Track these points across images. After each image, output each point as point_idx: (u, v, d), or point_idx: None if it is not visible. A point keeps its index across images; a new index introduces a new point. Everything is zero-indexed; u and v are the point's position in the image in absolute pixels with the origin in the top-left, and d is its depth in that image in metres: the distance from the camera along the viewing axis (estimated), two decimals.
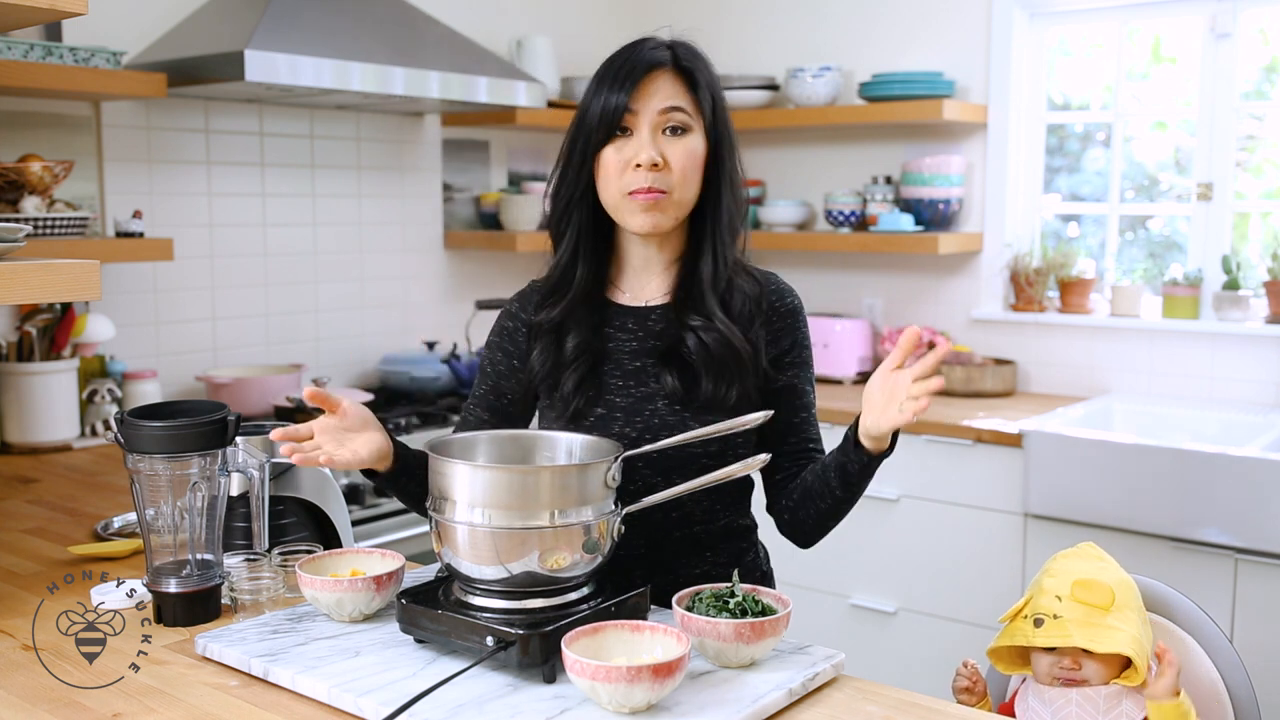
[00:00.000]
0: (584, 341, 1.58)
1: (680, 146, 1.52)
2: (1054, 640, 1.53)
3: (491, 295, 3.68)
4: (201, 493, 1.48)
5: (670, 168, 1.51)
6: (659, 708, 1.20)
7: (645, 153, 1.50)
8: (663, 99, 1.52)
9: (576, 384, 1.57)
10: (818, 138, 3.88)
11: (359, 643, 1.38)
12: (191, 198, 3.03)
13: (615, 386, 1.58)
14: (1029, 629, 1.56)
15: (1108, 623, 1.50)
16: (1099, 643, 1.50)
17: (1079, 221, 3.66)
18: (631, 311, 1.62)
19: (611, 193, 1.54)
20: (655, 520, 1.53)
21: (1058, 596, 1.54)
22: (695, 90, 1.55)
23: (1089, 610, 1.52)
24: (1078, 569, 1.57)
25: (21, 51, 2.48)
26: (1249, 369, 3.19)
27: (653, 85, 1.53)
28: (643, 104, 1.52)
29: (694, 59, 1.57)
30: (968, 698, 1.64)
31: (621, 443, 1.45)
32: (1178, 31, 3.41)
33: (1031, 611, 1.57)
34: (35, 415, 2.63)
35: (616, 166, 1.52)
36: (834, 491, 1.53)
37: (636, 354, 1.59)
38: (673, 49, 1.56)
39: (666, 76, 1.54)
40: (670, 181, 1.52)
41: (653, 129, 1.52)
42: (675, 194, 1.52)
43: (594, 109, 1.53)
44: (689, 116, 1.53)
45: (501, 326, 1.68)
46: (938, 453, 3.08)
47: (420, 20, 3.13)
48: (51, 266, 1.53)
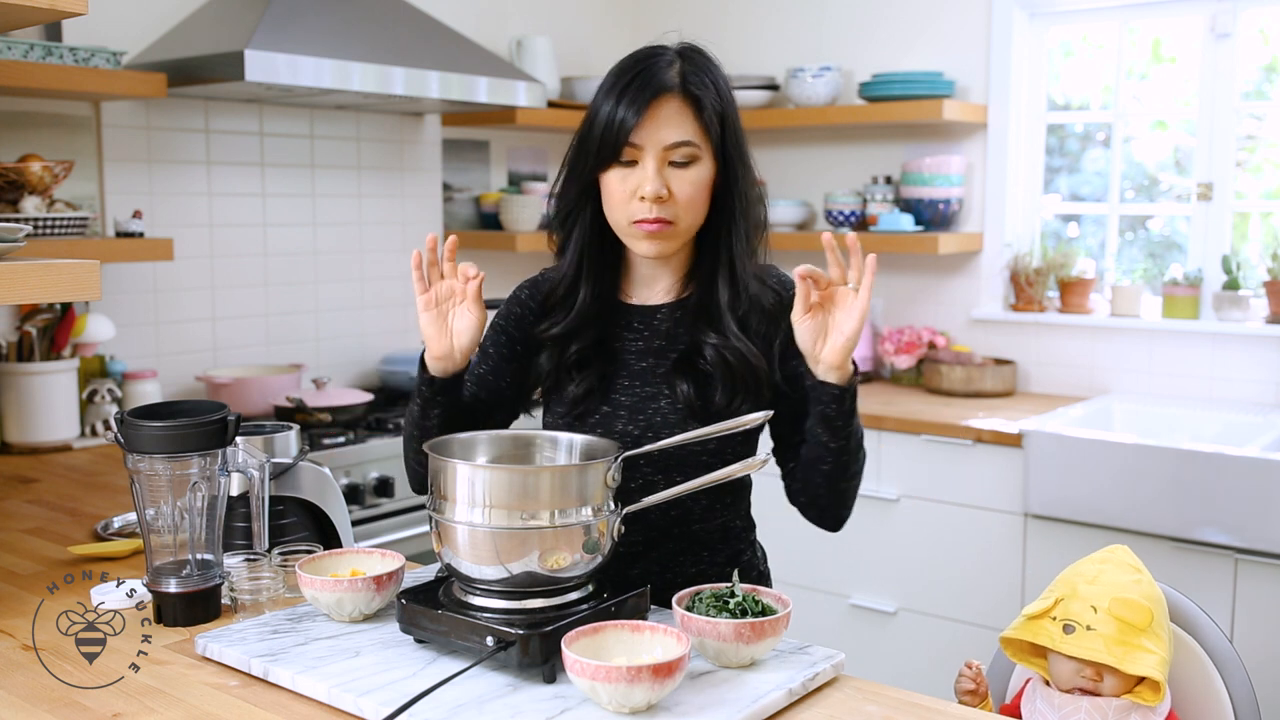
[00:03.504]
0: (592, 346, 1.58)
1: (686, 179, 1.51)
2: (1083, 652, 1.50)
3: (491, 295, 3.66)
4: (201, 493, 1.48)
5: (676, 199, 1.50)
6: (659, 708, 1.20)
7: (649, 186, 1.48)
8: (669, 133, 1.49)
9: (586, 391, 1.57)
10: (818, 138, 3.88)
11: (359, 643, 1.38)
12: (191, 198, 3.03)
13: (621, 385, 1.58)
14: (1057, 633, 1.53)
15: (1141, 643, 1.48)
16: (1129, 664, 1.47)
17: (1079, 221, 3.66)
18: (638, 311, 1.62)
19: (616, 218, 1.54)
20: (653, 519, 1.53)
21: (1094, 607, 1.51)
22: (702, 117, 1.51)
23: (1124, 629, 1.49)
24: (1117, 581, 1.53)
25: (21, 51, 2.48)
26: (1249, 369, 3.19)
27: (660, 114, 1.49)
28: (648, 137, 1.49)
29: (702, 77, 1.52)
30: (971, 699, 1.63)
31: (624, 440, 1.45)
32: (1178, 31, 3.41)
33: (1062, 615, 1.53)
34: (35, 415, 2.63)
35: (621, 195, 1.51)
36: (828, 446, 1.48)
37: (643, 354, 1.59)
38: (682, 65, 1.52)
39: (674, 104, 1.50)
40: (676, 212, 1.51)
41: (659, 162, 1.49)
42: (681, 223, 1.52)
43: (598, 127, 1.51)
44: (696, 148, 1.51)
45: (509, 310, 1.68)
46: (938, 453, 3.08)
47: (420, 20, 3.13)
48: (51, 266, 1.53)
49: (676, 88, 1.50)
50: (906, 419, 3.12)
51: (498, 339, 1.67)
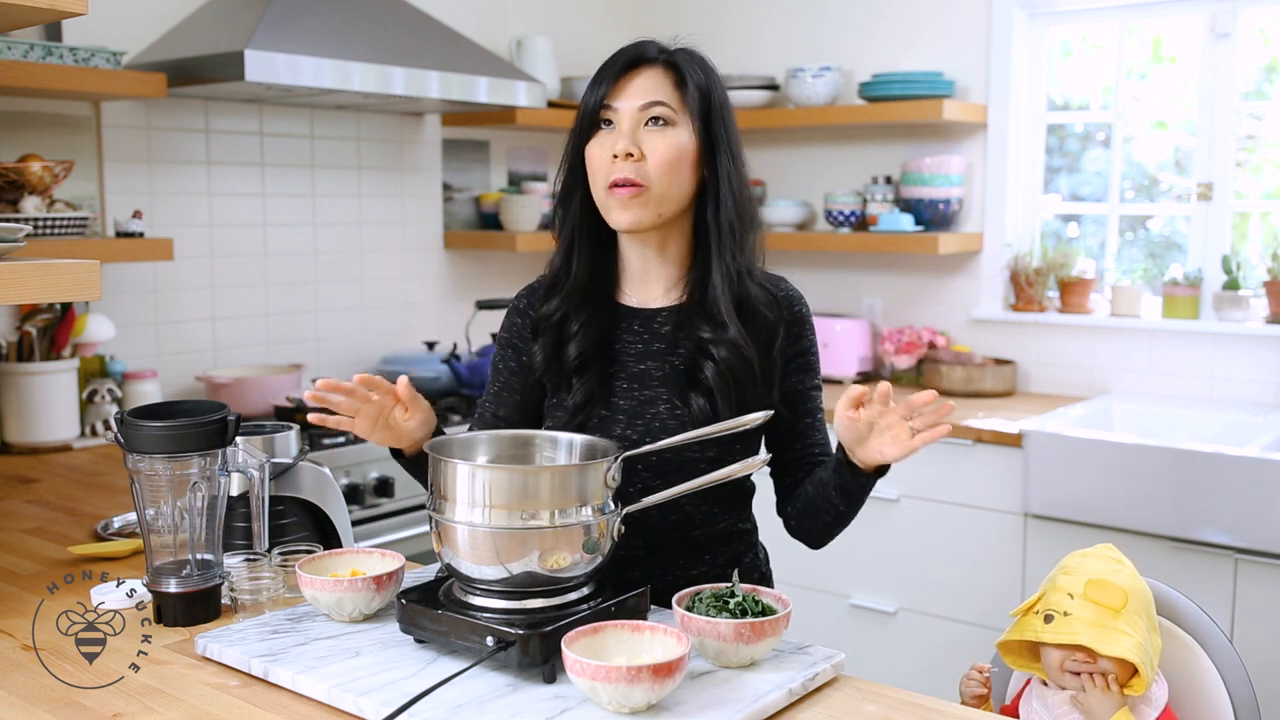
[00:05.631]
0: (591, 349, 1.57)
1: (660, 138, 1.50)
2: (1061, 637, 1.52)
3: (491, 295, 3.68)
4: (201, 493, 1.48)
5: (647, 160, 1.50)
6: (659, 708, 1.20)
7: (621, 143, 1.50)
8: (645, 93, 1.51)
9: (586, 397, 1.56)
10: (818, 138, 3.88)
11: (359, 643, 1.38)
12: (191, 198, 3.03)
13: (620, 389, 1.58)
14: (1039, 624, 1.56)
15: (1117, 625, 1.50)
16: (1105, 644, 1.49)
17: (1079, 221, 3.66)
18: (638, 314, 1.61)
19: (597, 188, 1.54)
20: (654, 523, 1.53)
21: (1070, 594, 1.54)
22: (682, 87, 1.53)
23: (1100, 611, 1.51)
24: (1093, 569, 1.56)
25: (21, 51, 2.48)
26: (1249, 369, 3.19)
27: (636, 79, 1.52)
28: (624, 99, 1.52)
29: (690, 60, 1.55)
30: (978, 703, 1.64)
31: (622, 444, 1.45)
32: (1178, 31, 3.41)
33: (1043, 608, 1.56)
34: (35, 415, 2.63)
35: (599, 160, 1.52)
36: (837, 506, 1.54)
37: (641, 356, 1.59)
38: (669, 51, 1.56)
39: (652, 71, 1.53)
40: (647, 173, 1.50)
41: (634, 122, 1.51)
42: (654, 188, 1.50)
43: (582, 104, 1.55)
44: (672, 111, 1.51)
45: (510, 322, 1.68)
46: (938, 453, 3.08)
47: (420, 20, 3.13)
48: (51, 266, 1.53)
49: (657, 59, 1.54)
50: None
51: (505, 354, 1.67)
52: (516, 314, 1.68)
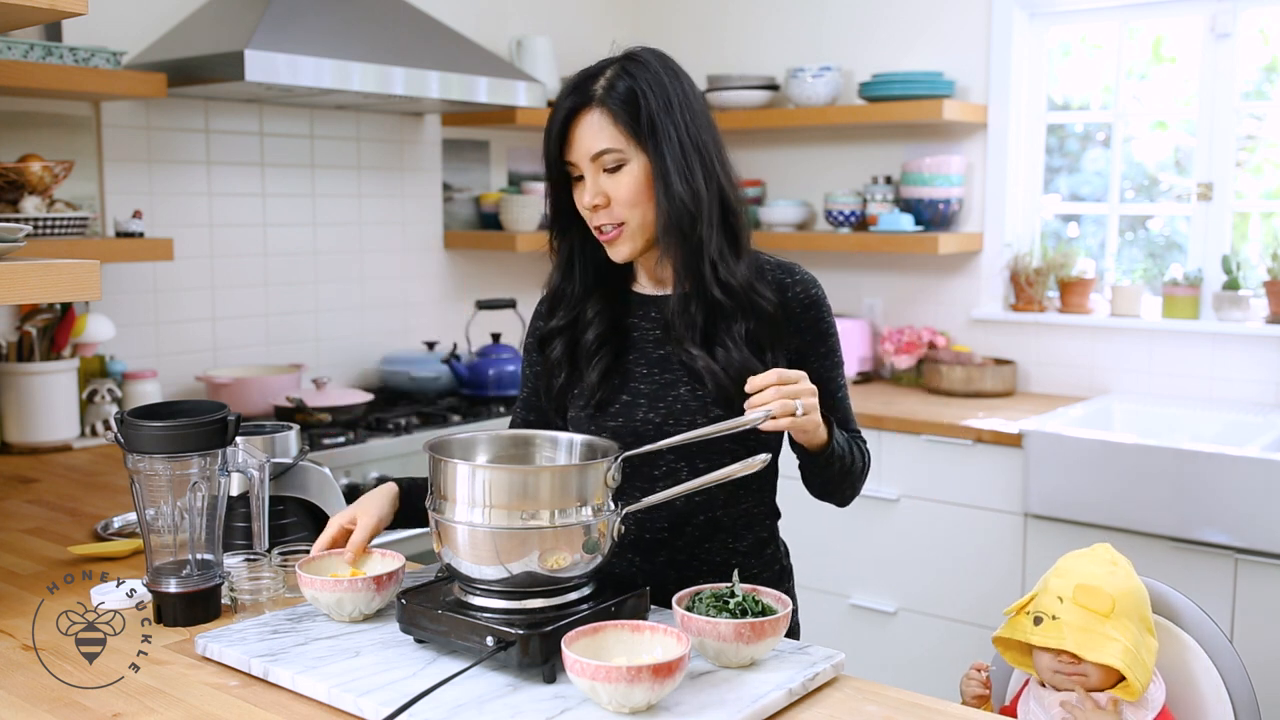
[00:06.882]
0: (604, 334, 1.62)
1: (616, 182, 1.54)
2: (1048, 641, 1.53)
3: (491, 295, 3.68)
4: (201, 493, 1.48)
5: (615, 202, 1.54)
6: (659, 708, 1.20)
7: (586, 197, 1.55)
8: (590, 144, 1.53)
9: (602, 374, 1.60)
10: (818, 138, 3.88)
11: (359, 643, 1.38)
12: (191, 198, 3.03)
13: (639, 374, 1.61)
14: (1028, 625, 1.56)
15: (1104, 631, 1.50)
16: (1091, 651, 1.49)
17: (1079, 221, 3.66)
18: (653, 300, 1.64)
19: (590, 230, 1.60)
20: (677, 505, 1.56)
21: (1059, 598, 1.54)
22: (622, 121, 1.51)
23: (1087, 616, 1.51)
24: (1084, 572, 1.56)
25: (21, 51, 2.48)
26: (1249, 369, 3.19)
27: (579, 129, 1.53)
28: (576, 152, 1.54)
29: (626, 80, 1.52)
30: (979, 703, 1.64)
31: (646, 428, 1.51)
32: (1178, 31, 3.41)
33: (1034, 609, 1.57)
34: (35, 415, 2.63)
35: (580, 209, 1.58)
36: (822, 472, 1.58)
37: (660, 341, 1.61)
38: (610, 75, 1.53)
39: (591, 117, 1.53)
40: (621, 214, 1.55)
41: (593, 171, 1.54)
42: (630, 222, 1.55)
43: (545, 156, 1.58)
44: (620, 151, 1.52)
45: (533, 326, 1.73)
46: (938, 453, 3.08)
47: (420, 20, 3.13)
48: (51, 266, 1.53)
49: (591, 102, 1.53)
50: (906, 419, 3.12)
51: (530, 359, 1.72)
52: (539, 318, 1.72)
